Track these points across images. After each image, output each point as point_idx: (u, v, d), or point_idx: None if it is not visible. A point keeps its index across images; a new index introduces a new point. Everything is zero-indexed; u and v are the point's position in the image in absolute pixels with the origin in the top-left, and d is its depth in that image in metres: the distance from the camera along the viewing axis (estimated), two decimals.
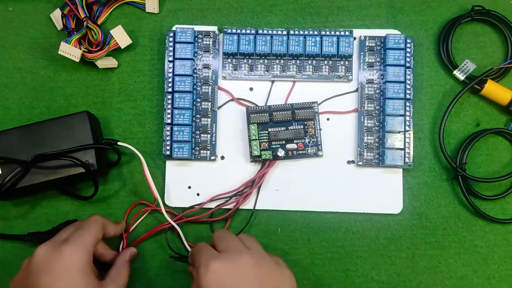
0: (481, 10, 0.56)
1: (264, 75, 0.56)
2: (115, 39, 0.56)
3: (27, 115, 0.57)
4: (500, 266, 0.55)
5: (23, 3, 0.59)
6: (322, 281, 0.55)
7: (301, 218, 0.56)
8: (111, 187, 0.56)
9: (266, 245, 0.55)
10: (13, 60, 0.58)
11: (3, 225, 0.56)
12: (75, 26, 0.56)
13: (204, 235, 0.56)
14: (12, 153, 0.52)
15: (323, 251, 0.55)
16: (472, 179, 0.55)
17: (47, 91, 0.58)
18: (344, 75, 0.56)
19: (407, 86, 0.55)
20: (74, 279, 0.44)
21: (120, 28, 0.56)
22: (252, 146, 0.55)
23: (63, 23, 0.57)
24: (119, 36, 0.56)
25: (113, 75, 0.58)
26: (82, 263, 0.45)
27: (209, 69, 0.56)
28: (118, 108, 0.57)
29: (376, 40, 0.56)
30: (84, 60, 0.56)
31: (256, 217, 0.55)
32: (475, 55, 0.57)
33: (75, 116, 0.53)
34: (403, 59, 0.55)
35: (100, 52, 0.55)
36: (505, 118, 0.57)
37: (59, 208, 0.56)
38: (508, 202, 0.56)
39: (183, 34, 0.55)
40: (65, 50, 0.54)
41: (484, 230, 0.55)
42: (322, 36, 0.55)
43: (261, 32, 0.56)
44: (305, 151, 0.55)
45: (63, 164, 0.52)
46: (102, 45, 0.56)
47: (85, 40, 0.56)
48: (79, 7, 0.55)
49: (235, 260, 0.44)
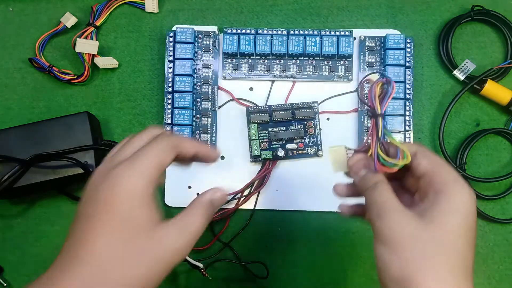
0: (481, 10, 0.56)
1: (264, 75, 0.56)
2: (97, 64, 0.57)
3: (27, 115, 0.57)
4: (500, 266, 0.55)
5: (23, 3, 0.59)
6: (322, 281, 0.55)
7: (301, 218, 0.56)
8: None
9: (266, 245, 0.55)
10: (13, 60, 0.58)
11: (3, 224, 0.56)
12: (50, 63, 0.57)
13: (204, 234, 0.55)
14: (11, 152, 0.52)
15: (323, 251, 0.55)
16: (472, 179, 0.55)
17: (47, 91, 0.58)
18: (344, 75, 0.56)
19: (407, 86, 0.55)
20: (121, 211, 0.34)
21: (100, 58, 0.57)
22: (252, 146, 0.55)
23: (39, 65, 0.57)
24: (104, 62, 0.57)
25: (113, 75, 0.58)
26: (138, 190, 0.35)
27: (209, 69, 0.56)
28: (118, 108, 0.57)
29: (376, 40, 0.56)
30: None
31: (256, 217, 0.55)
32: (475, 55, 0.57)
33: (75, 117, 0.53)
34: (403, 59, 0.55)
35: (84, 75, 0.56)
36: (505, 118, 0.57)
37: (60, 207, 0.56)
38: (508, 202, 0.56)
39: (183, 34, 0.55)
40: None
41: (484, 230, 0.55)
42: (322, 36, 0.55)
43: (261, 32, 0.56)
44: (305, 151, 0.55)
45: (62, 165, 0.52)
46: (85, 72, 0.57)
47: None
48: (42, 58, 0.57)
49: (470, 196, 0.36)
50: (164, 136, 0.38)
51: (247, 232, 0.55)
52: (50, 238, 0.55)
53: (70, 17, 0.57)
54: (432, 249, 0.34)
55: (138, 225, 0.34)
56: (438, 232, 0.35)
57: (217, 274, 0.55)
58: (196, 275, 0.53)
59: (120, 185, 0.34)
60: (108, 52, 0.58)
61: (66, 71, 0.57)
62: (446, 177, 0.37)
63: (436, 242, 0.35)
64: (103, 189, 0.35)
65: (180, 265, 0.54)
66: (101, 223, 0.34)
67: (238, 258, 0.55)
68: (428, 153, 0.38)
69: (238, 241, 0.55)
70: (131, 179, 0.35)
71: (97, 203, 0.35)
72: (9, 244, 0.56)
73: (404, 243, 0.35)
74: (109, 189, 0.35)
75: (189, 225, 0.37)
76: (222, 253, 0.55)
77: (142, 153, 0.36)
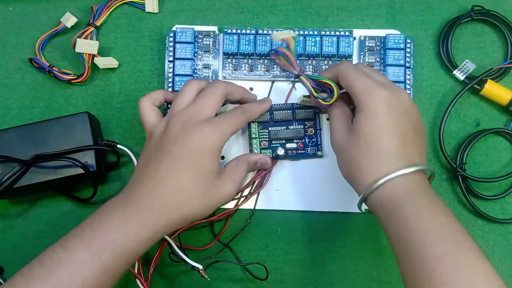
0: (481, 10, 0.57)
1: (264, 75, 0.56)
2: (98, 64, 0.57)
3: (27, 115, 0.57)
4: (500, 266, 0.55)
5: (23, 3, 0.59)
6: (322, 281, 0.55)
7: (301, 218, 0.56)
8: (110, 188, 0.56)
9: (266, 245, 0.55)
10: (13, 60, 0.58)
11: (3, 224, 0.56)
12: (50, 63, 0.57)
13: (204, 234, 0.56)
14: (11, 152, 0.52)
15: (323, 251, 0.55)
16: (472, 179, 0.55)
17: (47, 91, 0.58)
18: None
19: (407, 86, 0.55)
20: (202, 160, 0.46)
21: (100, 58, 0.56)
22: (252, 144, 0.55)
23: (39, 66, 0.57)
24: (104, 62, 0.56)
25: (113, 75, 0.58)
26: (216, 147, 0.47)
27: (209, 69, 0.56)
28: (118, 108, 0.57)
29: (376, 40, 0.56)
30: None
31: (256, 217, 0.55)
32: (475, 55, 0.57)
33: (75, 117, 0.53)
34: (403, 59, 0.55)
35: (84, 75, 0.56)
36: (505, 118, 0.57)
37: (60, 208, 0.56)
38: (508, 202, 0.56)
39: (183, 34, 0.56)
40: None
41: (484, 230, 0.55)
42: (322, 36, 0.55)
43: (261, 32, 0.56)
44: (304, 151, 0.55)
45: (62, 165, 0.52)
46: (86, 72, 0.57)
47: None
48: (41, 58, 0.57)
49: (400, 93, 0.46)
50: (239, 109, 0.50)
51: (247, 232, 0.55)
52: (50, 238, 0.55)
53: (70, 17, 0.57)
54: (358, 155, 0.45)
55: (211, 173, 0.47)
56: (357, 139, 0.45)
57: (216, 275, 0.55)
58: (195, 277, 0.53)
59: (207, 142, 0.46)
60: (108, 52, 0.58)
61: (66, 71, 0.57)
62: (359, 88, 0.46)
63: (359, 148, 0.45)
64: (192, 139, 0.46)
65: (179, 265, 0.54)
66: (188, 165, 0.45)
67: (237, 259, 0.55)
68: (346, 72, 0.47)
69: (238, 241, 0.55)
70: (214, 139, 0.46)
71: (187, 149, 0.45)
72: (9, 244, 0.56)
73: (342, 155, 0.47)
74: (198, 141, 0.46)
75: (236, 175, 0.50)
76: (222, 254, 0.55)
77: (224, 120, 0.48)
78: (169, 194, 0.45)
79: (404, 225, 0.42)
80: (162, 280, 0.55)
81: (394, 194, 0.43)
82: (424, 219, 0.41)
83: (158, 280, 0.55)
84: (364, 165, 0.45)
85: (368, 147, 0.44)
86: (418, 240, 0.40)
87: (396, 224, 0.42)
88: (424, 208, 0.42)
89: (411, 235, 0.41)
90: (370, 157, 0.44)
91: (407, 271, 0.41)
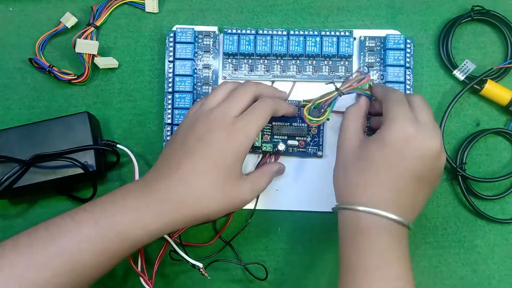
0: (481, 10, 0.57)
1: (264, 75, 0.56)
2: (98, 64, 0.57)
3: (27, 115, 0.57)
4: (500, 266, 0.55)
5: (23, 3, 0.59)
6: (322, 281, 0.55)
7: (301, 218, 0.56)
8: (110, 188, 0.56)
9: (266, 245, 0.55)
10: (13, 60, 0.58)
11: (3, 224, 0.56)
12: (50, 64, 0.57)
13: (204, 234, 0.56)
14: (11, 152, 0.52)
15: (323, 251, 0.55)
16: (472, 179, 0.55)
17: (47, 91, 0.58)
18: (344, 75, 0.56)
19: (407, 87, 0.55)
20: (226, 161, 0.46)
21: (100, 58, 0.56)
22: None
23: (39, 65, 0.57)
24: (104, 62, 0.56)
25: (113, 75, 0.58)
26: (242, 149, 0.46)
27: (209, 69, 0.56)
28: (118, 108, 0.57)
29: (376, 40, 0.56)
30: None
31: (256, 217, 0.55)
32: (475, 55, 0.57)
33: (75, 117, 0.53)
34: (403, 60, 0.55)
35: (84, 76, 0.56)
36: (505, 118, 0.57)
37: (60, 208, 0.56)
38: (508, 202, 0.56)
39: (183, 34, 0.56)
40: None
41: (484, 230, 0.55)
42: (322, 36, 0.55)
43: (261, 32, 0.56)
44: (305, 149, 0.55)
45: (62, 165, 0.52)
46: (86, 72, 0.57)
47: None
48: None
49: (430, 137, 0.44)
50: (269, 106, 0.48)
51: (247, 232, 0.55)
52: None
53: (70, 17, 0.57)
54: (354, 169, 0.46)
55: (233, 176, 0.46)
56: (360, 155, 0.46)
57: (216, 274, 0.55)
58: (196, 276, 0.53)
59: (234, 143, 0.46)
60: (108, 52, 0.58)
61: (66, 71, 0.57)
62: (391, 114, 0.45)
63: (359, 163, 0.46)
64: (218, 140, 0.45)
65: (179, 264, 0.54)
66: (210, 165, 0.45)
67: (238, 258, 0.55)
68: (381, 90, 0.49)
69: (238, 241, 0.55)
70: (241, 141, 0.46)
71: (212, 150, 0.45)
72: None
73: (343, 159, 0.48)
74: (223, 143, 0.45)
75: (257, 185, 0.49)
76: (222, 253, 0.55)
77: (252, 121, 0.47)
78: (187, 190, 0.45)
79: (358, 254, 0.44)
80: (163, 279, 0.55)
81: (365, 225, 0.44)
82: (376, 269, 0.43)
83: (158, 279, 0.55)
84: (353, 181, 0.46)
85: (366, 169, 0.45)
86: (361, 273, 0.43)
87: (352, 247, 0.45)
88: (383, 261, 0.43)
89: (359, 267, 0.44)
90: (363, 179, 0.45)
91: (343, 281, 0.45)
